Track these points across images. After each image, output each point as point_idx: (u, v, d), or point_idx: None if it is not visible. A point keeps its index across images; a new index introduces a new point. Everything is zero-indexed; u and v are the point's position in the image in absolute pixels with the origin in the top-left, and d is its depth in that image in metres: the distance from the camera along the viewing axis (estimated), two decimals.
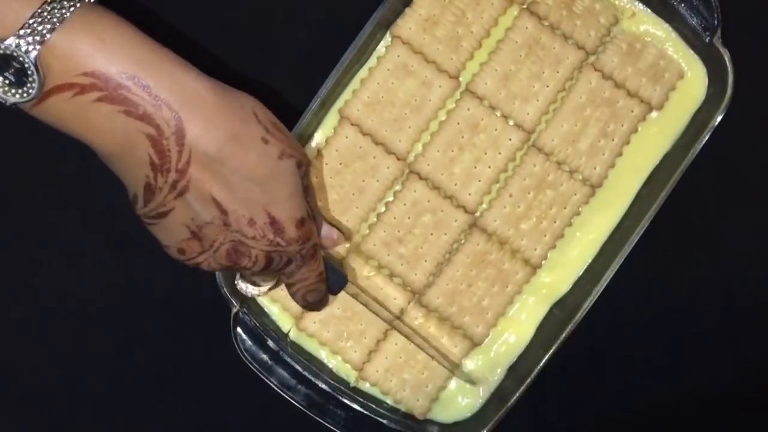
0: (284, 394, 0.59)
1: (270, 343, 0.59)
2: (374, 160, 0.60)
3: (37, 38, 0.44)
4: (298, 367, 0.59)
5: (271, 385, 0.59)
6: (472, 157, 0.60)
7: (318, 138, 0.60)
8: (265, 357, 0.59)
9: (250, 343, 0.59)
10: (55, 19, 0.44)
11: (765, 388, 0.64)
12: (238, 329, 0.59)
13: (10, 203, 0.63)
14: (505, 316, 0.61)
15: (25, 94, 0.45)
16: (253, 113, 0.50)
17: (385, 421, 0.60)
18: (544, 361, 0.58)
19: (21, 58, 0.44)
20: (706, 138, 0.58)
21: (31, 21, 0.44)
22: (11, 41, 0.44)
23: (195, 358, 0.63)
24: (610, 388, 0.64)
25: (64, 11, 0.45)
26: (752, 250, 0.64)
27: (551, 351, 0.58)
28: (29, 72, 0.44)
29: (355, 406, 0.60)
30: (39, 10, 0.44)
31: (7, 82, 0.45)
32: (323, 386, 0.59)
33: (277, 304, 0.61)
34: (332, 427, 0.59)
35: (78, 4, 0.45)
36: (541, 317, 0.61)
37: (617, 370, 0.64)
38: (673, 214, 0.61)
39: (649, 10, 0.60)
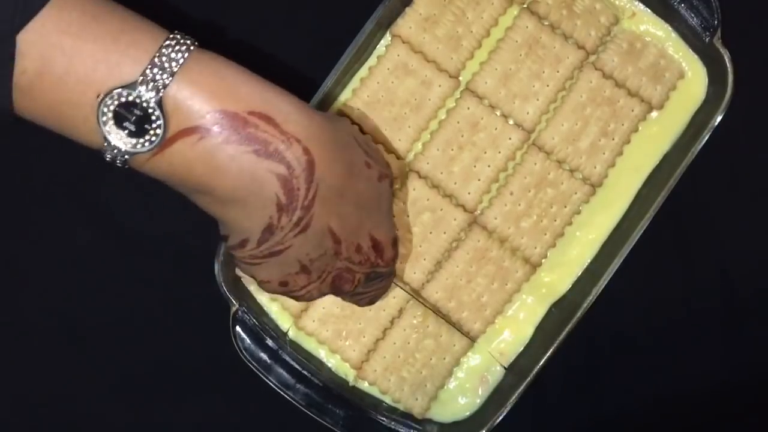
0: (283, 393, 0.59)
1: (269, 341, 0.59)
2: None
3: (159, 83, 0.42)
4: (297, 366, 0.59)
5: (270, 383, 0.59)
6: (472, 156, 0.60)
7: None
8: (264, 356, 0.59)
9: (249, 341, 0.59)
10: (174, 63, 0.42)
11: (765, 388, 0.64)
12: (237, 328, 0.59)
13: (10, 203, 0.63)
14: (503, 315, 0.61)
15: (147, 143, 0.42)
16: (353, 138, 0.49)
17: (383, 420, 0.60)
18: (543, 360, 0.58)
19: (144, 104, 0.41)
20: (706, 138, 0.58)
21: (150, 66, 0.42)
22: (134, 88, 0.41)
23: (194, 356, 0.63)
24: (610, 388, 0.64)
25: (180, 54, 0.42)
26: (752, 250, 0.64)
27: (550, 350, 0.58)
28: (153, 117, 0.42)
29: (354, 405, 0.60)
30: (157, 54, 0.42)
31: (126, 132, 0.42)
32: (322, 385, 0.59)
33: (276, 303, 0.61)
34: (331, 426, 0.59)
35: (192, 47, 0.43)
36: (540, 316, 0.61)
37: (617, 370, 0.64)
38: (673, 214, 0.61)
39: (649, 10, 0.60)
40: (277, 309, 0.61)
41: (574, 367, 0.63)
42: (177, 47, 0.42)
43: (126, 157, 0.43)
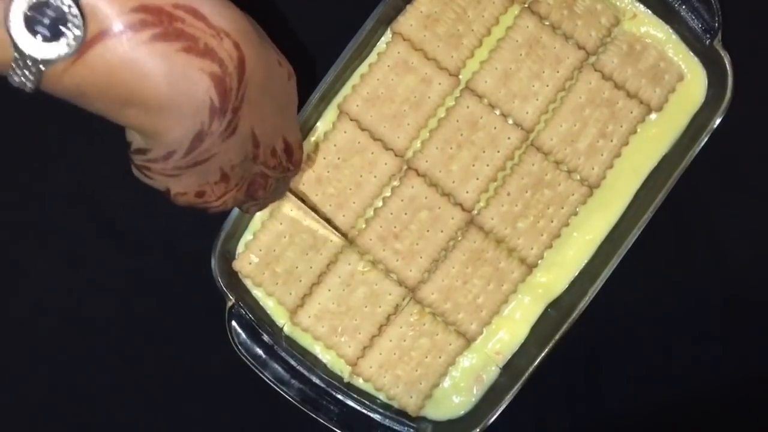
0: (278, 389, 0.59)
1: (264, 337, 0.59)
2: (372, 156, 0.60)
3: None
4: (292, 362, 0.59)
5: (265, 379, 0.59)
6: (471, 154, 0.60)
7: (317, 132, 0.60)
8: (259, 351, 0.59)
9: (244, 336, 0.59)
10: None
11: (764, 389, 0.64)
12: (233, 323, 0.59)
13: (10, 203, 0.63)
14: (499, 315, 0.61)
15: (65, 47, 0.37)
16: (263, 33, 0.45)
17: (378, 418, 0.60)
18: (538, 360, 0.58)
19: (59, 3, 0.36)
20: (705, 140, 0.58)
21: None
22: None
23: (189, 351, 0.63)
24: (608, 389, 0.64)
25: None
26: (750, 251, 0.64)
27: (546, 350, 0.58)
28: (70, 16, 0.36)
29: (349, 402, 0.60)
30: None
31: (41, 38, 0.36)
32: (317, 381, 0.59)
33: (273, 298, 0.61)
34: (325, 423, 0.59)
35: None
36: (536, 317, 0.61)
37: (615, 371, 0.64)
38: (671, 216, 0.61)
39: (650, 12, 0.60)
40: (273, 304, 0.61)
41: (573, 368, 0.63)
42: None
43: (41, 68, 0.37)
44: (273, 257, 0.60)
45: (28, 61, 0.37)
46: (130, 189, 0.62)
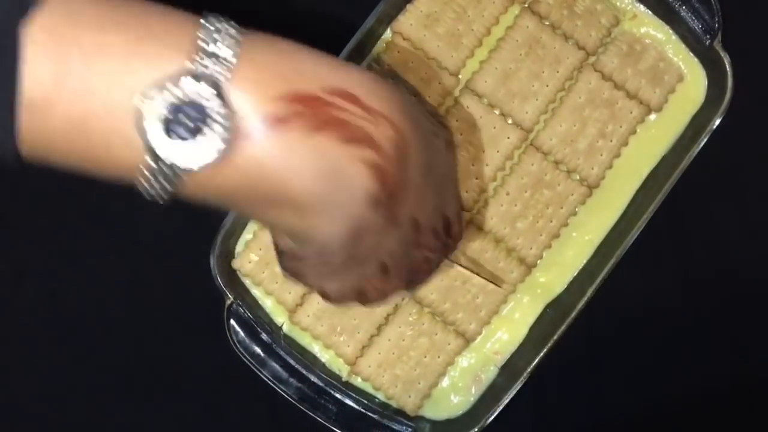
0: (276, 387, 0.59)
1: (263, 335, 0.59)
2: None
3: (214, 72, 0.31)
4: (291, 361, 0.59)
5: (264, 377, 0.59)
6: (470, 154, 0.60)
7: None
8: (258, 350, 0.59)
9: (243, 335, 0.59)
10: (223, 47, 0.32)
11: (764, 388, 0.64)
12: (232, 321, 0.59)
13: (10, 203, 0.63)
14: (498, 315, 0.61)
15: (213, 151, 0.31)
16: (417, 104, 0.41)
17: (376, 417, 0.60)
18: (537, 360, 0.58)
19: (202, 101, 0.31)
20: (704, 141, 0.58)
21: (198, 53, 0.32)
22: (187, 84, 0.31)
23: (187, 349, 0.63)
24: (607, 389, 0.64)
25: (227, 35, 0.33)
26: (749, 251, 0.64)
27: (544, 350, 0.58)
28: (215, 115, 0.31)
29: (347, 401, 0.60)
30: (201, 38, 0.32)
31: (180, 142, 0.31)
32: (315, 380, 0.59)
33: (272, 297, 0.61)
34: (323, 422, 0.59)
35: (236, 27, 0.34)
36: (534, 316, 0.61)
37: (614, 371, 0.64)
38: (670, 217, 0.61)
39: (650, 12, 0.60)
40: (272, 303, 0.61)
41: (572, 368, 0.63)
42: (219, 26, 0.33)
43: (179, 177, 0.32)
44: (273, 256, 0.59)
45: (165, 169, 0.32)
46: (129, 187, 0.63)
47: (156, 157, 0.32)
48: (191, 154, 0.32)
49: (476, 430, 0.58)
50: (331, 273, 0.40)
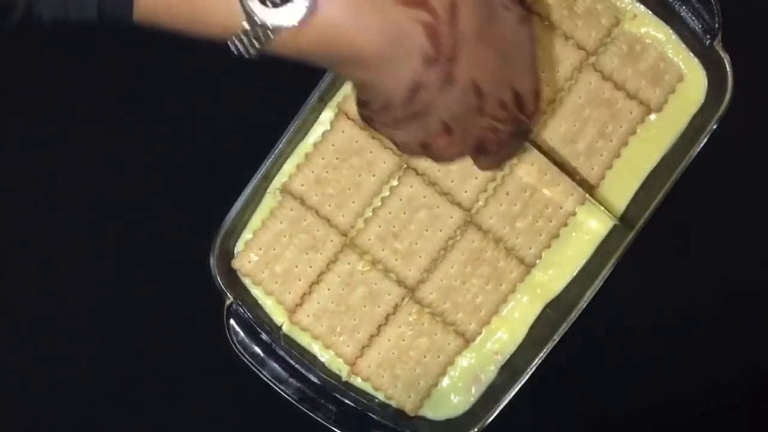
0: (276, 388, 0.59)
1: (263, 335, 0.59)
2: (371, 155, 0.60)
3: None
4: (290, 361, 0.59)
5: (263, 378, 0.59)
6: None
7: (315, 132, 0.60)
8: (257, 350, 0.59)
9: (243, 335, 0.59)
10: None
11: (764, 388, 0.64)
12: (232, 321, 0.59)
13: (10, 203, 0.63)
14: (498, 315, 0.61)
15: (298, 13, 0.38)
16: None
17: (376, 417, 0.60)
18: (537, 360, 0.58)
19: None
20: (704, 141, 0.58)
21: None
22: None
23: (187, 349, 0.63)
24: (607, 389, 0.64)
25: None
26: (749, 253, 0.64)
27: (544, 350, 0.58)
28: None
29: (347, 401, 0.60)
30: None
31: (272, 5, 0.38)
32: (315, 380, 0.59)
33: (271, 297, 0.61)
34: (323, 422, 0.59)
35: None
36: (534, 316, 0.61)
37: (613, 371, 0.64)
38: (670, 217, 0.61)
39: (650, 12, 0.60)
40: (272, 303, 0.61)
41: (571, 368, 0.63)
42: None
43: (270, 35, 0.39)
44: (272, 256, 0.60)
45: (258, 30, 0.38)
46: (130, 187, 0.63)
47: (252, 21, 0.38)
48: (280, 17, 0.38)
49: (476, 430, 0.58)
50: (397, 125, 0.45)
